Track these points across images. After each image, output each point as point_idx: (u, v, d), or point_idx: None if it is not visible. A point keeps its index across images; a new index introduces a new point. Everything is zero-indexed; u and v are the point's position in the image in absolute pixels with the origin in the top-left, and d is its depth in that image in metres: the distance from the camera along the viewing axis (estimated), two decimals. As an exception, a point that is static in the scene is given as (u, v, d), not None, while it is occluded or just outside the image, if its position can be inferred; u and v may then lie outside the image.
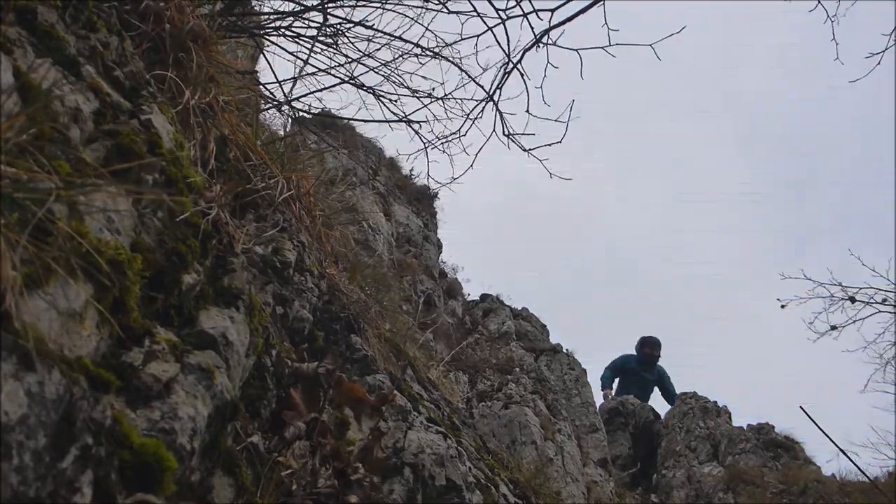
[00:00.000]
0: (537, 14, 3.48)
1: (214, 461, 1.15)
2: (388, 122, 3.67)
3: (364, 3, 3.34)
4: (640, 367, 10.24)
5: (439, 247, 9.51)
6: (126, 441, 0.85)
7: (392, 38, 3.40)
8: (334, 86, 3.55)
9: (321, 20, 3.29)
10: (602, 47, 3.43)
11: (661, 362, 10.40)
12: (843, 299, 7.36)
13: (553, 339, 9.83)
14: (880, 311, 7.16)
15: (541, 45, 3.55)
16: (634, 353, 10.41)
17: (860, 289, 7.32)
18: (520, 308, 10.08)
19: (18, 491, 0.63)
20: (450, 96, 3.72)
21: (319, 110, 4.19)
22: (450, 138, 3.88)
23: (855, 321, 7.30)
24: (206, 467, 1.12)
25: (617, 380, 10.41)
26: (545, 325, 10.15)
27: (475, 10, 3.44)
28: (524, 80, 3.66)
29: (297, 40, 3.38)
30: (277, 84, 3.51)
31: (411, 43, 3.44)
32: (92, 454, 0.77)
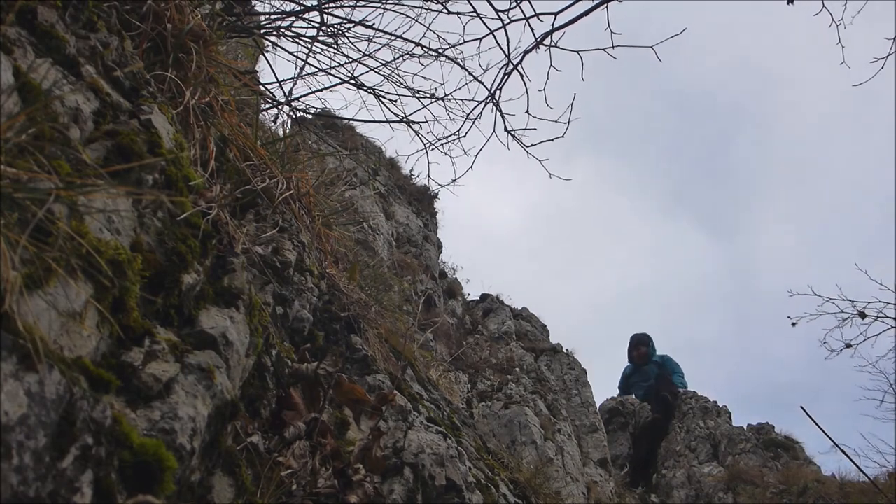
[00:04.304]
0: (538, 17, 3.48)
1: (214, 461, 1.15)
2: (389, 122, 3.67)
3: (364, 2, 3.34)
4: (638, 370, 10.37)
5: (439, 247, 9.51)
6: (126, 441, 0.85)
7: (393, 38, 3.40)
8: (335, 86, 3.55)
9: (321, 20, 3.28)
10: (603, 49, 3.42)
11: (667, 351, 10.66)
12: (852, 315, 7.35)
13: (553, 339, 9.84)
14: (893, 328, 7.15)
15: (542, 46, 3.55)
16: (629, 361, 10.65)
17: (868, 303, 7.31)
18: (520, 308, 10.08)
19: (18, 491, 0.63)
20: (451, 97, 3.72)
21: (319, 110, 4.19)
22: (450, 138, 3.87)
23: (868, 338, 7.29)
24: (206, 467, 1.12)
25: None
26: (545, 325, 10.16)
27: (475, 11, 3.44)
28: (524, 82, 3.66)
29: (297, 40, 3.38)
30: (277, 84, 3.51)
31: (412, 42, 3.44)
32: (92, 454, 0.77)
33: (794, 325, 7.48)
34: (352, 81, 3.53)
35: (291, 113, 3.59)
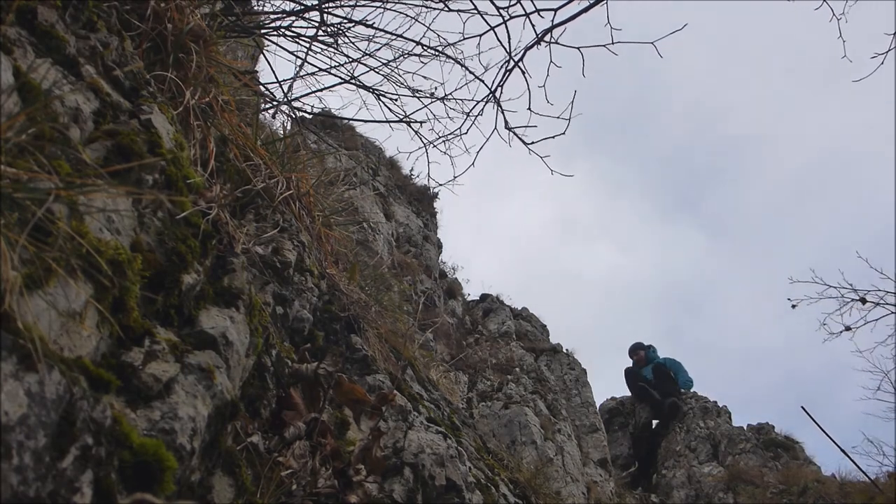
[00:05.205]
0: (539, 13, 3.48)
1: (214, 461, 1.15)
2: (389, 122, 3.67)
3: (364, 2, 3.34)
4: (640, 372, 10.60)
5: (439, 247, 9.52)
6: (126, 441, 0.85)
7: (393, 37, 3.40)
8: (334, 86, 3.55)
9: (321, 20, 3.28)
10: (604, 45, 3.42)
11: (672, 353, 11.11)
12: (853, 300, 7.41)
13: (553, 339, 9.85)
14: (893, 314, 7.19)
15: (543, 43, 3.55)
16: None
17: (869, 290, 7.36)
18: (520, 308, 10.09)
19: (18, 491, 0.63)
20: (451, 96, 3.72)
21: (319, 110, 4.20)
22: (450, 137, 3.88)
23: (867, 322, 7.34)
24: (206, 467, 1.12)
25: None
26: (545, 325, 10.18)
27: (476, 8, 3.44)
28: (525, 79, 3.66)
29: (296, 40, 3.38)
30: (277, 84, 3.51)
31: (413, 41, 3.44)
32: (92, 454, 0.77)
33: (794, 306, 7.53)
34: (352, 81, 3.54)
35: (291, 113, 3.59)
